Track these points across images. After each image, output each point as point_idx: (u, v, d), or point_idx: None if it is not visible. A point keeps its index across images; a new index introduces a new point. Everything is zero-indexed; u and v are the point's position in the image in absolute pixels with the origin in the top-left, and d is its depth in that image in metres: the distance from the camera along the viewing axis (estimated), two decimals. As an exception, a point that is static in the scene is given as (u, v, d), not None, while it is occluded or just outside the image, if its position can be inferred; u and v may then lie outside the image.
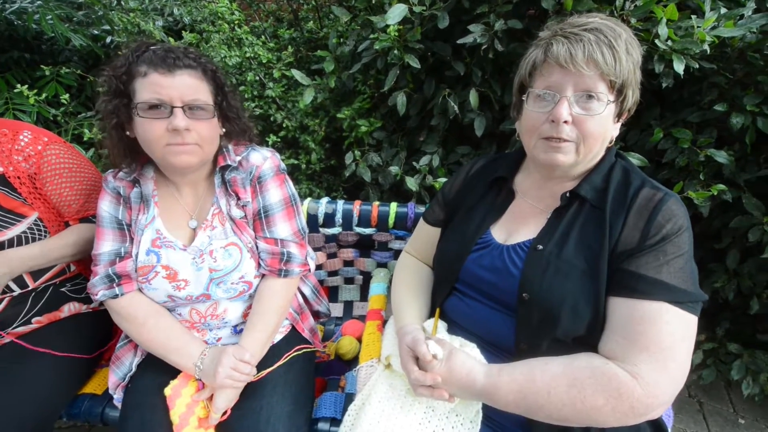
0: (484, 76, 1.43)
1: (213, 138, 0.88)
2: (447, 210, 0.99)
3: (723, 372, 1.52)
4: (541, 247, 0.76)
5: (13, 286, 0.99)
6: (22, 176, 0.95)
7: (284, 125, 1.76)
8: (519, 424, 0.75)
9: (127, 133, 0.86)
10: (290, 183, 1.01)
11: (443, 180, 1.46)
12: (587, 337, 0.70)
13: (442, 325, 0.87)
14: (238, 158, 0.95)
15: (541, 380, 0.67)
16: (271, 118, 1.78)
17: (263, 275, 0.97)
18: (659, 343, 0.64)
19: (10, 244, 0.95)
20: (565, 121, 0.71)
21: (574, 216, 0.77)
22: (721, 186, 1.20)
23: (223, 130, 0.92)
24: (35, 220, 0.98)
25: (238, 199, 0.94)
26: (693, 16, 1.12)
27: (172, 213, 0.93)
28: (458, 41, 1.30)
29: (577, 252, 0.73)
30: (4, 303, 0.98)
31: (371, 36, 1.43)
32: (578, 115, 0.71)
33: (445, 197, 1.01)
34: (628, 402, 0.63)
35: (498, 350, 0.79)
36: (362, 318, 1.35)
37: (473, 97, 1.39)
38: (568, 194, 0.78)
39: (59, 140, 1.03)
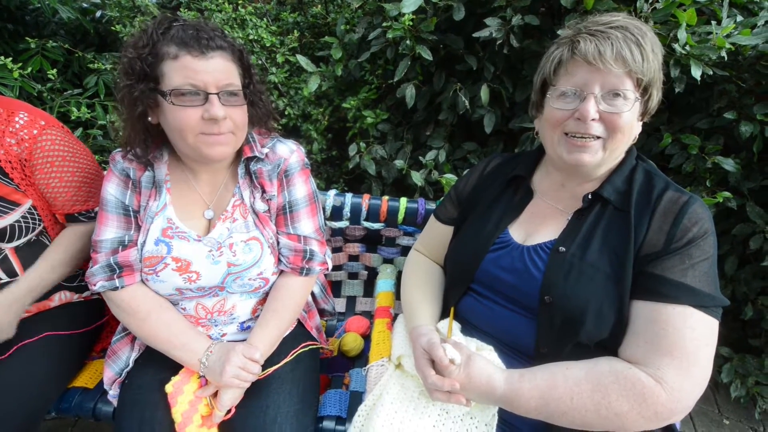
0: (496, 72, 1.40)
1: (245, 124, 0.83)
2: (461, 208, 0.97)
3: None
4: (563, 249, 0.74)
5: (1, 273, 0.93)
6: (14, 161, 0.88)
7: (286, 113, 1.70)
8: (535, 428, 0.74)
9: (149, 119, 0.79)
10: (312, 179, 0.97)
11: (449, 176, 1.43)
12: (609, 341, 0.70)
13: (456, 326, 0.85)
14: (265, 150, 0.90)
15: (563, 386, 0.66)
16: (273, 105, 1.71)
17: (281, 272, 0.94)
18: (683, 347, 0.64)
19: (3, 233, 0.89)
20: (593, 119, 0.70)
21: (596, 218, 0.76)
22: (727, 193, 1.21)
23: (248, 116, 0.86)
24: (29, 208, 0.92)
25: (264, 192, 0.89)
26: (713, 22, 1.12)
27: (185, 201, 0.88)
28: (474, 34, 1.27)
29: (601, 255, 0.72)
30: (-10, 291, 0.92)
31: (383, 24, 1.38)
32: (605, 111, 0.70)
33: (459, 195, 0.99)
34: (653, 407, 0.63)
35: (516, 353, 0.78)
36: (366, 314, 1.32)
37: (484, 93, 1.37)
38: (590, 196, 0.77)
39: (57, 124, 0.95)
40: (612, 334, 0.69)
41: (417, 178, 1.46)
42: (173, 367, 0.86)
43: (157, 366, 0.87)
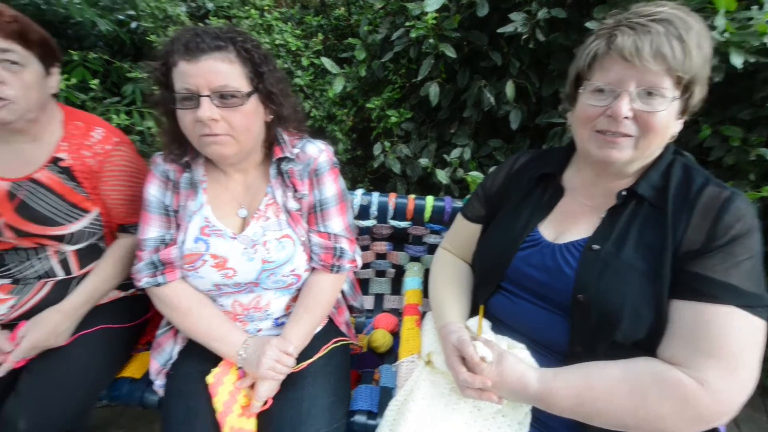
0: (522, 67, 1.38)
1: (248, 127, 0.82)
2: (488, 206, 0.97)
3: (761, 379, 1.49)
4: (597, 246, 0.73)
5: (59, 271, 1.00)
6: (86, 172, 0.96)
7: (312, 114, 1.73)
8: (568, 427, 0.73)
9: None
10: (341, 177, 1.00)
11: (474, 173, 1.43)
12: (647, 341, 0.68)
13: (486, 324, 0.85)
14: (296, 150, 0.93)
15: (600, 386, 0.66)
16: (299, 107, 1.75)
17: (313, 269, 0.97)
18: (728, 348, 0.62)
19: (70, 237, 0.97)
20: (626, 117, 0.68)
21: (631, 215, 0.74)
22: (772, 187, 1.15)
23: (270, 117, 0.88)
24: (96, 216, 1.00)
25: (296, 191, 0.93)
26: (753, 7, 1.07)
27: (220, 200, 0.92)
28: (498, 30, 1.26)
29: (637, 253, 0.70)
30: (48, 288, 1.00)
31: (406, 24, 1.39)
32: (640, 110, 0.68)
33: (486, 193, 0.98)
34: (696, 410, 0.61)
35: (549, 351, 0.77)
36: (393, 311, 1.34)
37: (510, 89, 1.35)
38: (624, 192, 0.76)
39: (128, 142, 1.04)
40: (649, 334, 0.68)
41: (442, 176, 1.46)
42: (214, 360, 0.91)
43: (199, 358, 0.92)
